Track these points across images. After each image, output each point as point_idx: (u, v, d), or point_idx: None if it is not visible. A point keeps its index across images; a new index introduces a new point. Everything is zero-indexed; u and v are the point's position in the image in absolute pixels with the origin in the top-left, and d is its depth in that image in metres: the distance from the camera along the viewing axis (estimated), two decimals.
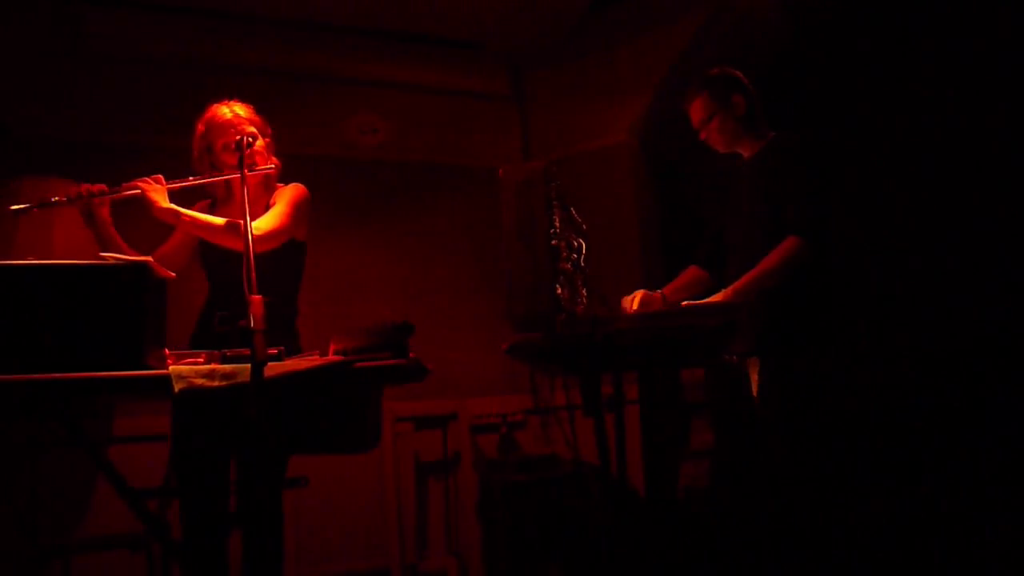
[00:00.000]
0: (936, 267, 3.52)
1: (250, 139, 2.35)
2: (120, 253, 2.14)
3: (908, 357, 3.55)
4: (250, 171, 2.27)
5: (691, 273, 2.80)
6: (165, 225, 2.38)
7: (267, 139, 2.50)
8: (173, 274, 2.07)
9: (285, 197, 2.45)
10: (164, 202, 2.23)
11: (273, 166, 2.46)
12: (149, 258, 1.86)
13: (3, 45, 3.59)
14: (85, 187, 2.24)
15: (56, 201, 2.20)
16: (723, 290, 2.44)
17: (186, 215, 2.26)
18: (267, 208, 2.42)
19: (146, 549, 3.21)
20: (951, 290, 3.46)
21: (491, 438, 4.25)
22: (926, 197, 3.61)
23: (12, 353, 1.66)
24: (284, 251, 2.40)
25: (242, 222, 1.85)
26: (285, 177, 2.56)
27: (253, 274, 1.72)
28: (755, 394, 2.53)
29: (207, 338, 2.28)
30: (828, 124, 3.76)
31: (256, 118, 2.50)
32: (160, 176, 2.28)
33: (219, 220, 2.30)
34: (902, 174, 3.72)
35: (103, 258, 1.85)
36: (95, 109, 3.81)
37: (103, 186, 2.26)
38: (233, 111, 2.46)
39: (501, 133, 4.68)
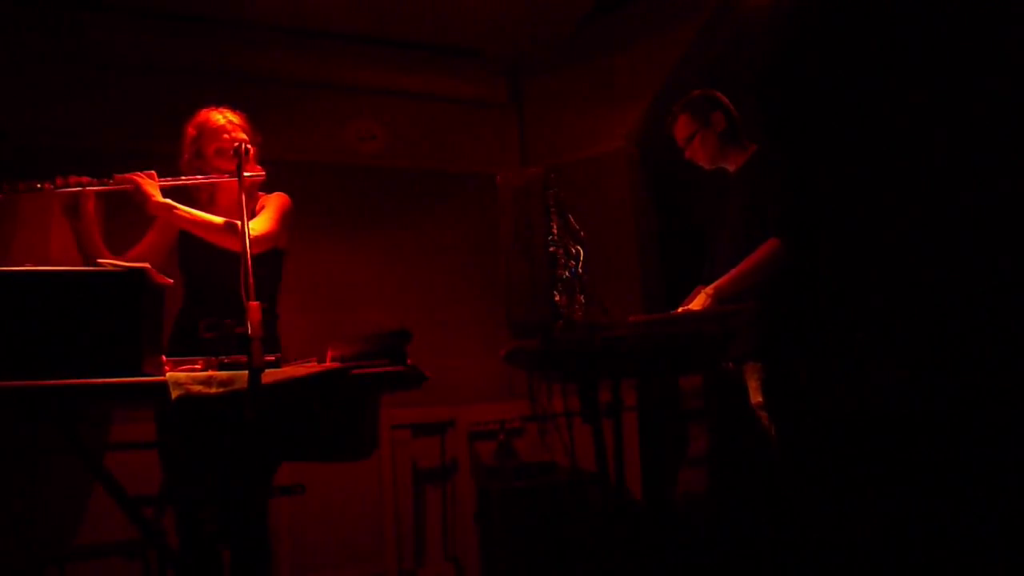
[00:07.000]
0: (933, 269, 3.52)
1: (246, 146, 2.35)
2: (100, 254, 2.13)
3: (905, 359, 3.55)
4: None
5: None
6: (145, 222, 2.38)
7: (255, 147, 2.50)
8: (171, 280, 2.06)
9: (273, 203, 2.47)
10: (159, 196, 2.24)
11: (262, 174, 2.47)
12: (146, 264, 1.85)
13: (2, 51, 3.60)
14: (74, 177, 2.21)
15: (41, 187, 2.16)
16: (705, 290, 2.47)
17: (181, 210, 2.27)
18: (252, 215, 2.42)
19: (142, 556, 3.20)
20: (948, 291, 3.46)
21: (489, 445, 4.24)
22: (923, 199, 3.61)
23: (9, 359, 1.65)
24: (267, 257, 2.39)
25: (239, 222, 1.85)
26: (285, 184, 2.57)
27: (251, 279, 1.72)
28: (752, 400, 2.54)
29: (185, 343, 2.26)
30: (824, 129, 3.78)
31: (247, 125, 2.52)
32: (153, 172, 2.29)
33: (217, 218, 2.30)
34: (898, 177, 3.72)
35: (100, 264, 1.84)
36: (94, 115, 3.80)
37: (92, 179, 2.23)
38: (226, 117, 2.48)
39: (499, 140, 4.69)
